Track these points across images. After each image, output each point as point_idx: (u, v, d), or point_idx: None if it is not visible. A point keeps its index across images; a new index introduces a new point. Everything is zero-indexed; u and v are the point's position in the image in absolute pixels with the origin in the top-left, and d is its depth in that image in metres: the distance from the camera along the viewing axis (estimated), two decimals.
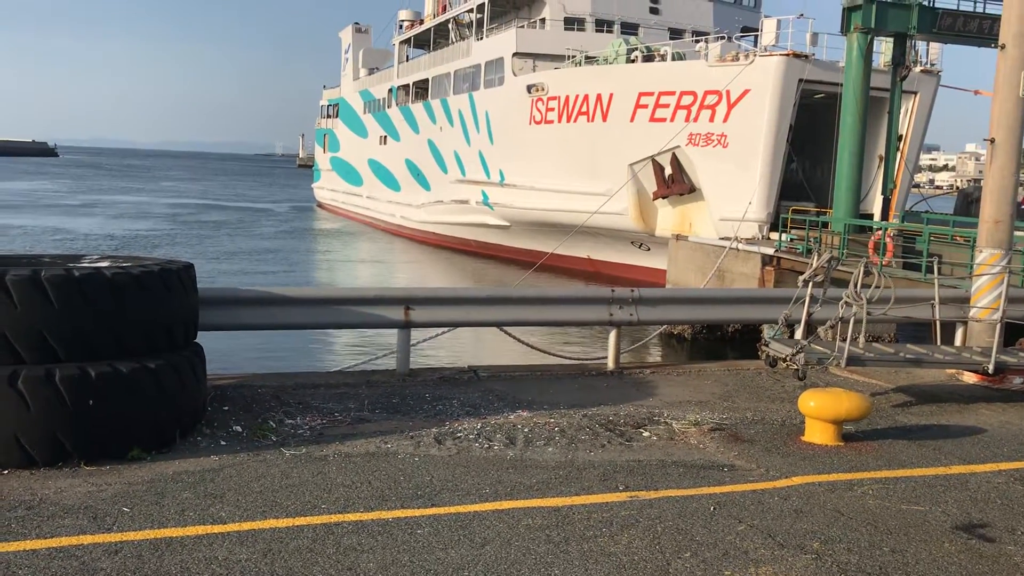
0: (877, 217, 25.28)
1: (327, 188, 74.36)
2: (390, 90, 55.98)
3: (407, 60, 55.90)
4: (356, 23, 69.83)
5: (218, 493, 6.38)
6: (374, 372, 10.86)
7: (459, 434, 8.10)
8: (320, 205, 78.37)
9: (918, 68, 27.96)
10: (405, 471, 7.03)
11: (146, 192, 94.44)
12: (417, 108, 49.94)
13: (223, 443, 7.64)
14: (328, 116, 75.11)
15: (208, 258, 37.87)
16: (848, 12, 23.15)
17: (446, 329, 11.70)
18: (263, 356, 18.08)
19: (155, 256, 9.17)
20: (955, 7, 23.21)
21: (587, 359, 12.97)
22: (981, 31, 22.77)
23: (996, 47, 12.16)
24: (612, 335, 11.41)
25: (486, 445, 7.83)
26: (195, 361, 7.91)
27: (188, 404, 7.74)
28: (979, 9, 23.27)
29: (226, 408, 8.60)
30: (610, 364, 11.41)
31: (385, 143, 56.77)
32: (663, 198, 30.53)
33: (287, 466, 7.06)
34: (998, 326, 11.01)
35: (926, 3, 22.93)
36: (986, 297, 11.91)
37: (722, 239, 25.47)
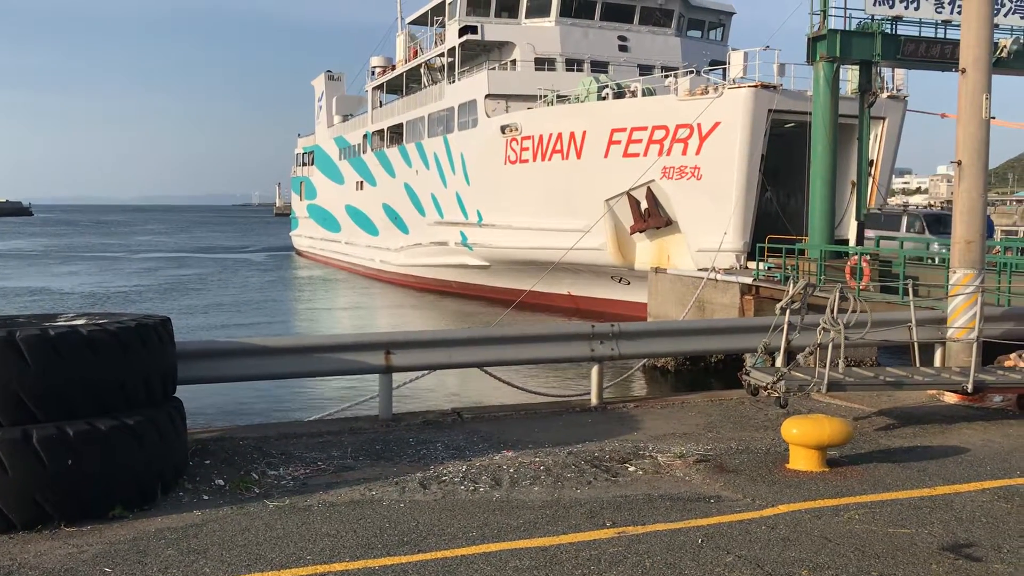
0: (852, 242, 25.52)
1: (305, 235, 74.34)
2: (365, 136, 56.26)
3: (380, 105, 56.26)
4: (329, 71, 70.29)
5: (201, 549, 6.31)
6: (357, 419, 10.80)
7: (444, 478, 8.05)
8: (299, 253, 78.28)
9: (885, 94, 28.43)
10: (390, 518, 6.98)
11: (123, 248, 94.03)
12: (392, 152, 50.19)
13: (206, 497, 7.56)
14: (304, 164, 75.30)
15: (187, 311, 37.67)
16: (813, 42, 23.55)
17: (428, 372, 11.67)
18: (244, 407, 17.96)
19: (132, 312, 9.13)
20: (917, 34, 23.66)
21: (570, 395, 12.96)
22: (944, 56, 23.20)
23: (958, 71, 12.39)
24: (594, 370, 11.42)
25: (472, 487, 7.78)
26: (175, 416, 7.85)
27: (169, 459, 7.67)
28: (940, 35, 23.74)
29: (208, 462, 8.52)
30: (593, 400, 11.41)
31: (362, 188, 56.93)
32: (640, 232, 30.74)
33: (271, 518, 6.99)
34: (975, 345, 11.11)
35: (889, 31, 23.36)
36: (962, 317, 12.02)
37: (700, 270, 25.62)
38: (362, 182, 56.80)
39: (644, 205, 30.22)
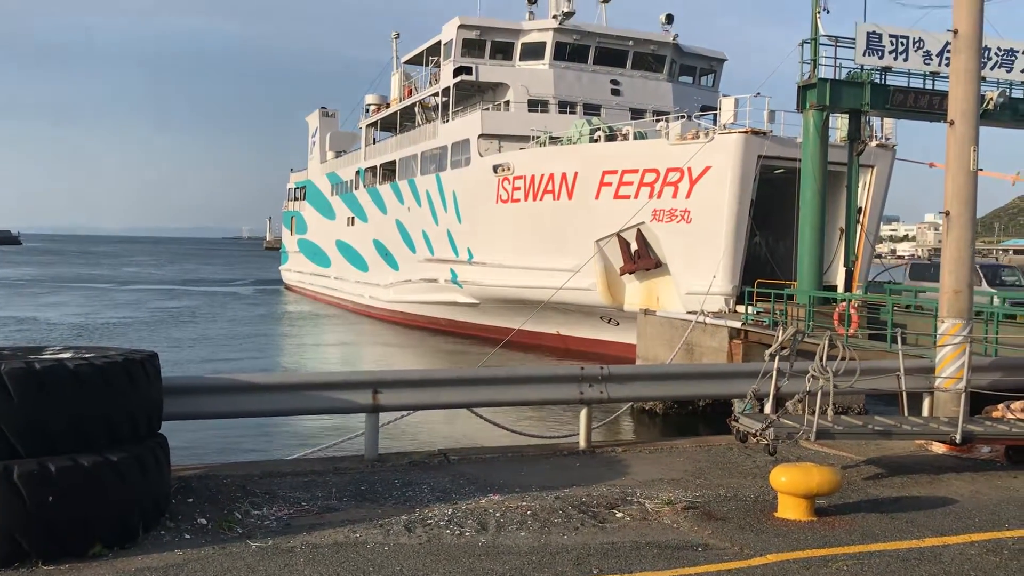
0: (841, 288, 25.62)
1: (294, 270, 74.26)
2: (357, 172, 56.45)
3: (374, 142, 56.54)
4: (323, 107, 70.72)
5: None
6: (342, 458, 10.70)
7: (429, 521, 7.97)
8: (287, 287, 78.12)
9: (873, 142, 28.72)
10: (374, 561, 6.89)
11: (111, 279, 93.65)
12: (385, 189, 50.35)
13: (187, 536, 7.45)
14: (295, 199, 75.42)
15: (174, 344, 37.45)
16: (803, 90, 23.83)
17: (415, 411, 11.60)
18: (229, 443, 17.80)
19: (118, 345, 9.06)
20: (906, 84, 23.98)
21: (559, 437, 12.88)
22: (932, 107, 23.50)
23: (946, 122, 12.54)
24: (583, 413, 11.38)
25: (457, 531, 7.70)
26: (159, 452, 7.76)
27: (152, 497, 7.57)
28: (929, 85, 24.06)
29: (191, 500, 8.41)
30: (582, 443, 11.35)
31: (353, 224, 57.01)
32: (630, 273, 30.82)
33: (253, 559, 6.89)
34: (963, 395, 11.11)
35: (878, 80, 23.67)
36: (950, 367, 12.03)
37: (689, 313, 25.65)
38: (353, 218, 56.90)
39: (634, 246, 30.34)
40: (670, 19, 43.04)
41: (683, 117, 31.55)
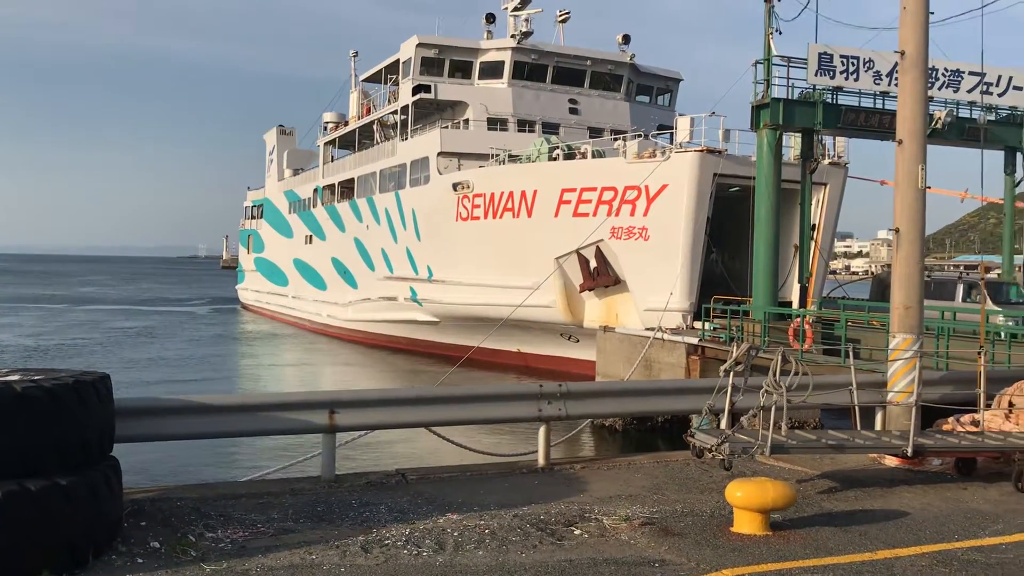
0: (795, 304, 25.98)
1: (251, 289, 73.58)
2: (315, 190, 56.18)
3: (332, 160, 56.34)
4: (281, 125, 70.27)
5: None
6: (299, 479, 10.59)
7: (387, 541, 7.92)
8: (245, 306, 77.35)
9: (826, 161, 29.22)
10: None
11: (66, 299, 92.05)
12: (343, 207, 50.15)
13: (140, 561, 7.33)
14: (252, 217, 74.82)
15: (129, 365, 36.89)
16: (757, 110, 24.22)
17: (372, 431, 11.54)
18: (183, 465, 17.55)
19: (70, 368, 8.90)
20: (857, 104, 24.47)
21: (517, 455, 12.86)
22: (882, 126, 24.01)
23: (895, 141, 12.81)
24: (542, 431, 11.38)
25: (415, 551, 7.66)
26: (110, 475, 7.63)
27: (103, 521, 7.43)
28: (879, 105, 24.58)
29: (143, 523, 8.28)
30: (540, 460, 11.35)
31: (311, 242, 56.67)
32: (589, 290, 30.98)
33: None
34: (914, 409, 11.30)
35: (830, 100, 24.13)
36: (902, 381, 12.24)
37: (648, 329, 25.84)
38: (311, 236, 56.57)
39: (593, 264, 30.52)
40: (627, 39, 43.54)
41: (640, 136, 31.88)
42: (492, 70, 41.12)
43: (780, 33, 24.18)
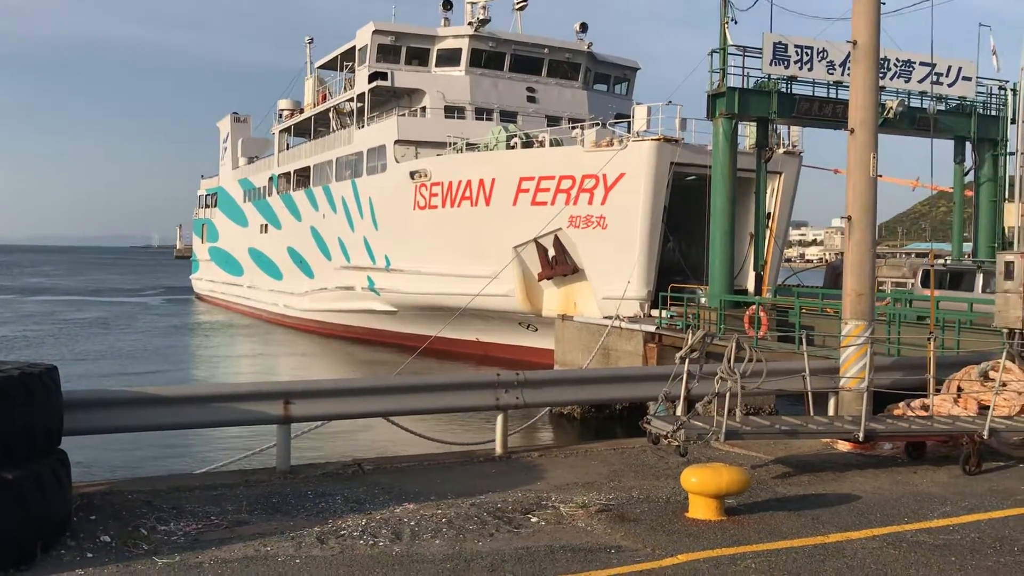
0: (751, 292, 26.23)
1: (206, 279, 72.64)
2: (271, 178, 55.55)
3: (287, 148, 55.69)
4: (235, 112, 69.31)
5: None
6: (253, 471, 10.49)
7: (343, 532, 7.86)
8: (199, 297, 76.36)
9: (781, 150, 29.51)
10: (286, 574, 6.76)
11: (13, 290, 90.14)
12: (299, 196, 49.64)
13: (89, 555, 7.20)
14: (206, 206, 73.80)
15: (79, 357, 36.25)
16: (713, 99, 24.36)
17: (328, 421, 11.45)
18: (134, 458, 17.29)
19: (17, 360, 8.71)
20: (811, 93, 24.72)
21: (475, 444, 12.85)
22: (835, 115, 24.26)
23: (847, 131, 12.96)
24: (499, 419, 11.39)
25: (371, 542, 7.62)
26: (59, 469, 7.49)
27: (51, 515, 7.29)
28: (833, 95, 24.85)
29: (93, 517, 8.14)
30: (498, 449, 11.35)
31: (266, 231, 56.05)
32: (548, 279, 31.02)
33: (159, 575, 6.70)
34: (865, 395, 11.48)
35: (784, 90, 24.35)
36: (854, 367, 12.41)
37: (606, 318, 25.94)
38: (266, 225, 55.94)
39: (551, 253, 30.55)
40: (584, 27, 43.53)
41: (598, 124, 31.93)
42: (449, 58, 40.90)
43: (735, 23, 24.31)
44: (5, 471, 6.85)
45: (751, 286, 26.73)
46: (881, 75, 20.02)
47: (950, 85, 26.47)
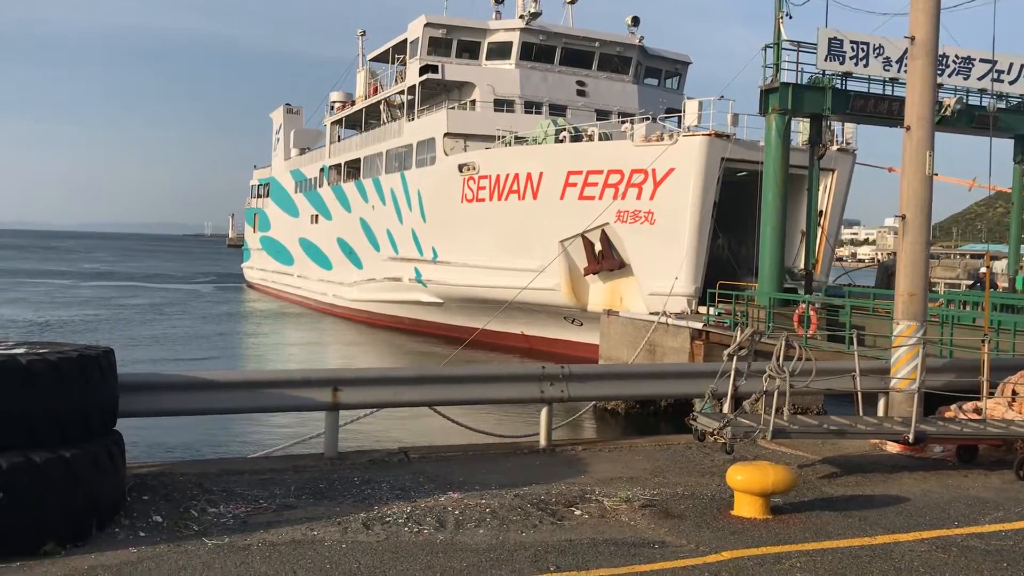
0: (801, 291, 25.90)
1: (257, 267, 73.66)
2: (322, 169, 56.13)
3: (339, 140, 56.24)
4: (287, 104, 70.16)
5: None
6: (301, 456, 10.64)
7: (388, 519, 7.95)
8: (250, 285, 77.47)
9: (834, 147, 29.12)
10: (332, 559, 6.87)
11: (71, 275, 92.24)
12: (349, 187, 50.11)
13: (142, 534, 7.38)
14: (259, 196, 74.81)
15: (132, 342, 36.99)
16: (766, 94, 24.08)
17: (376, 410, 11.57)
18: (186, 442, 17.62)
19: (75, 342, 8.94)
20: (866, 90, 24.32)
21: (519, 437, 12.90)
22: (891, 112, 23.85)
23: (903, 128, 12.75)
24: (544, 412, 11.41)
25: (416, 529, 7.70)
26: (113, 449, 7.67)
27: (106, 494, 7.48)
28: (888, 91, 24.43)
29: (146, 497, 8.33)
30: (542, 442, 11.38)
31: (317, 222, 56.67)
32: (594, 273, 30.95)
33: (209, 557, 6.84)
34: (916, 396, 11.30)
35: (839, 86, 23.98)
36: (905, 368, 12.23)
37: (652, 314, 25.81)
38: (317, 215, 56.56)
39: (598, 247, 30.48)
40: (636, 21, 43.29)
41: (648, 119, 31.74)
42: (500, 51, 40.95)
43: (790, 17, 24.01)
44: (62, 450, 7.04)
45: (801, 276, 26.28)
46: (939, 72, 19.65)
47: (1011, 82, 25.84)
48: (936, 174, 12.79)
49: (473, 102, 40.59)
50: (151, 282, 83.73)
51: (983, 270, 24.85)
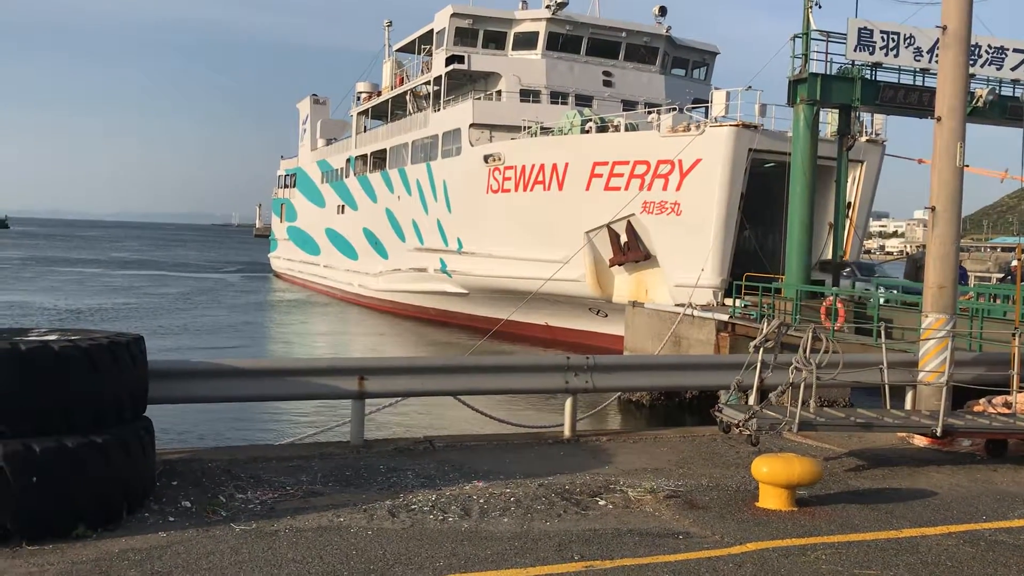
0: (828, 283, 25.73)
1: (284, 257, 74.16)
2: (348, 160, 56.36)
3: (365, 131, 56.42)
4: (314, 94, 70.44)
5: (165, 571, 6.24)
6: (327, 444, 10.73)
7: (413, 506, 8.01)
8: (277, 275, 78.02)
9: (863, 138, 28.84)
10: (357, 545, 6.93)
11: (100, 264, 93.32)
12: (375, 178, 50.29)
13: (171, 519, 7.48)
14: (285, 186, 75.26)
15: (161, 331, 37.38)
16: (794, 85, 23.91)
17: (401, 399, 11.64)
18: (215, 429, 17.80)
19: (105, 329, 9.06)
20: (896, 80, 24.08)
21: (544, 427, 12.93)
22: (921, 103, 23.61)
23: (934, 119, 12.61)
24: (568, 402, 11.42)
25: (440, 517, 7.75)
26: (143, 435, 7.78)
27: (136, 479, 7.59)
28: (919, 82, 24.17)
29: (175, 483, 8.44)
30: (566, 432, 11.40)
31: (343, 212, 56.94)
32: (619, 265, 30.89)
33: (236, 542, 6.92)
34: (944, 389, 11.21)
35: (869, 76, 23.76)
36: (933, 361, 12.13)
37: (677, 305, 25.75)
38: (343, 206, 56.82)
39: (624, 238, 30.40)
40: (663, 11, 43.02)
41: (675, 109, 31.59)
42: (526, 41, 40.86)
43: (819, 7, 23.83)
44: (94, 435, 7.14)
45: (829, 277, 26.15)
46: (971, 62, 19.37)
47: None
48: (967, 166, 12.65)
49: (499, 92, 40.56)
50: (179, 271, 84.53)
51: (1014, 263, 24.58)
